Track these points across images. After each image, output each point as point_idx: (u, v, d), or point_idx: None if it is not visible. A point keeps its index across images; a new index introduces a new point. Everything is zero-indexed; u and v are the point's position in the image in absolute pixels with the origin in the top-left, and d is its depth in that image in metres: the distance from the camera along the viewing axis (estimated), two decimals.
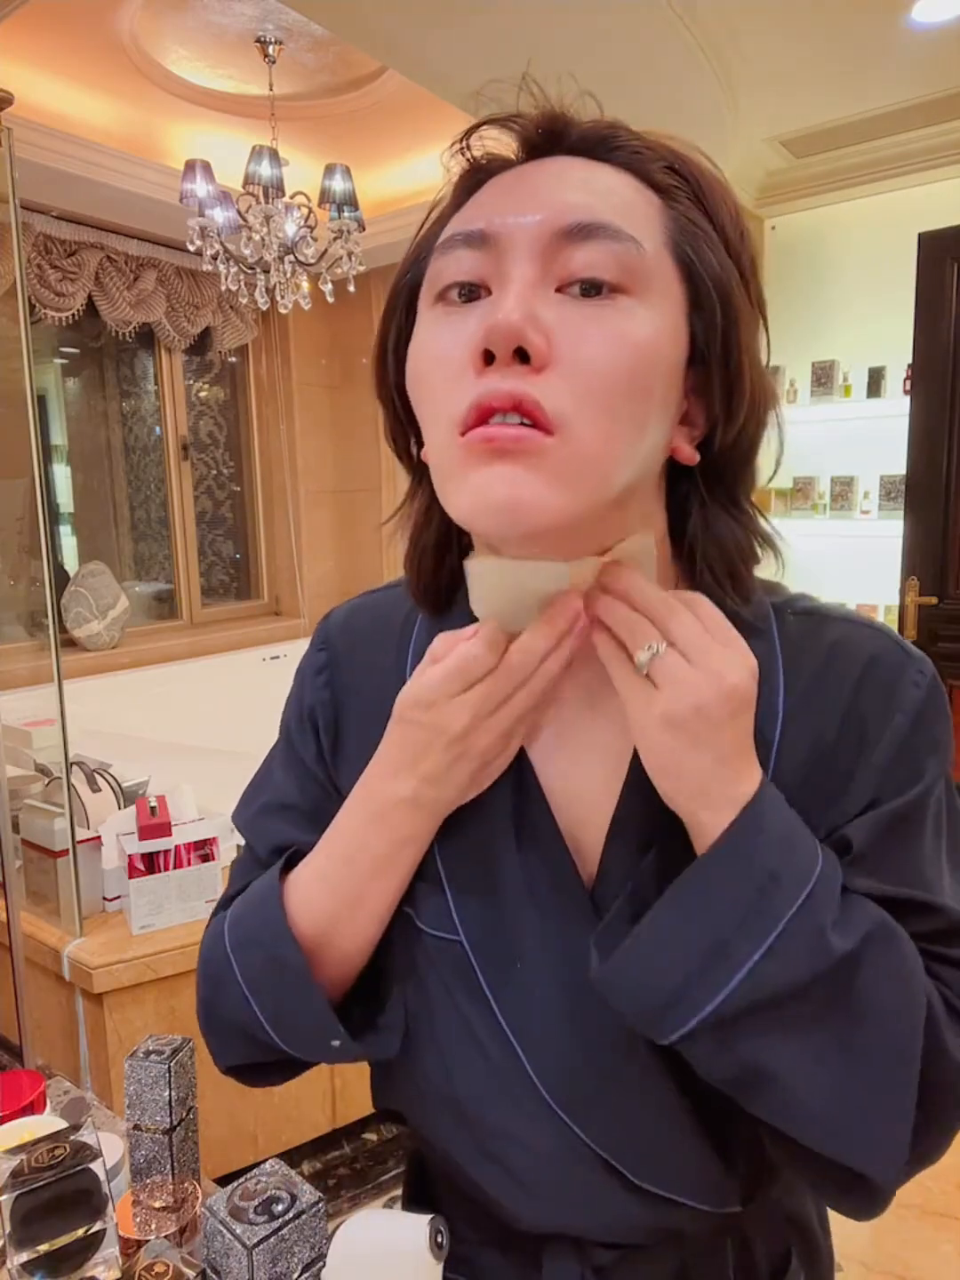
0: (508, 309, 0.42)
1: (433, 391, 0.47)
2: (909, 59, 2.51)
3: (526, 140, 0.49)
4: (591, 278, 0.44)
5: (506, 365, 0.43)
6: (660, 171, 0.48)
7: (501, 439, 0.42)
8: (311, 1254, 0.64)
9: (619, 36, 2.19)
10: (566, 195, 0.45)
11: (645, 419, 0.45)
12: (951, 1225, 1.74)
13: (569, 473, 0.43)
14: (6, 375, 1.74)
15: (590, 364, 0.43)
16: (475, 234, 0.45)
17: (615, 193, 0.46)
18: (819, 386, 3.39)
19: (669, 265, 0.46)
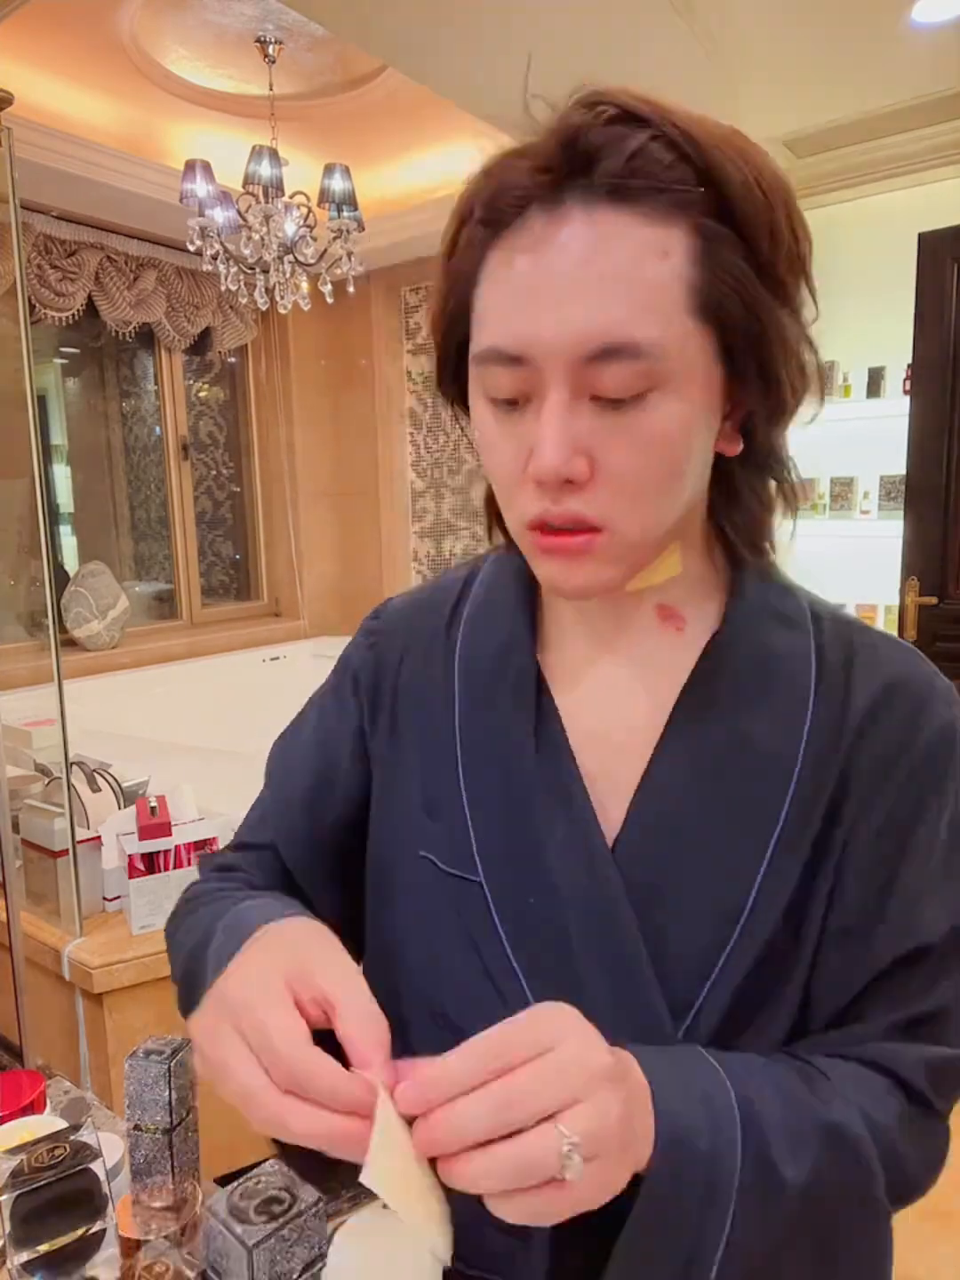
0: (548, 456, 0.48)
1: (497, 483, 0.55)
2: (909, 59, 2.51)
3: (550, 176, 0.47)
4: (617, 397, 0.48)
5: (556, 489, 0.50)
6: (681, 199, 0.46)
7: (568, 548, 0.51)
8: (311, 1254, 0.64)
9: (619, 35, 2.19)
10: (590, 301, 0.46)
11: (681, 486, 0.52)
12: (951, 1225, 1.74)
13: (621, 556, 0.52)
14: (6, 375, 1.74)
15: (625, 474, 0.49)
16: (510, 356, 0.49)
17: (636, 276, 0.46)
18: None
19: (695, 333, 0.48)
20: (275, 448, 4.06)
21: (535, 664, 0.60)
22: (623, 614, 0.59)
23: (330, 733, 0.69)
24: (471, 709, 0.62)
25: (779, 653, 0.57)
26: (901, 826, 0.55)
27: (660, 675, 0.58)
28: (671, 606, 0.59)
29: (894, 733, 0.55)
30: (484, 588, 0.66)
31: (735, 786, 0.55)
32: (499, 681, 0.61)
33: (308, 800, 0.69)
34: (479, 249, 0.50)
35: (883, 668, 0.57)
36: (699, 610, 0.59)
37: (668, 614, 0.59)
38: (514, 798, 0.59)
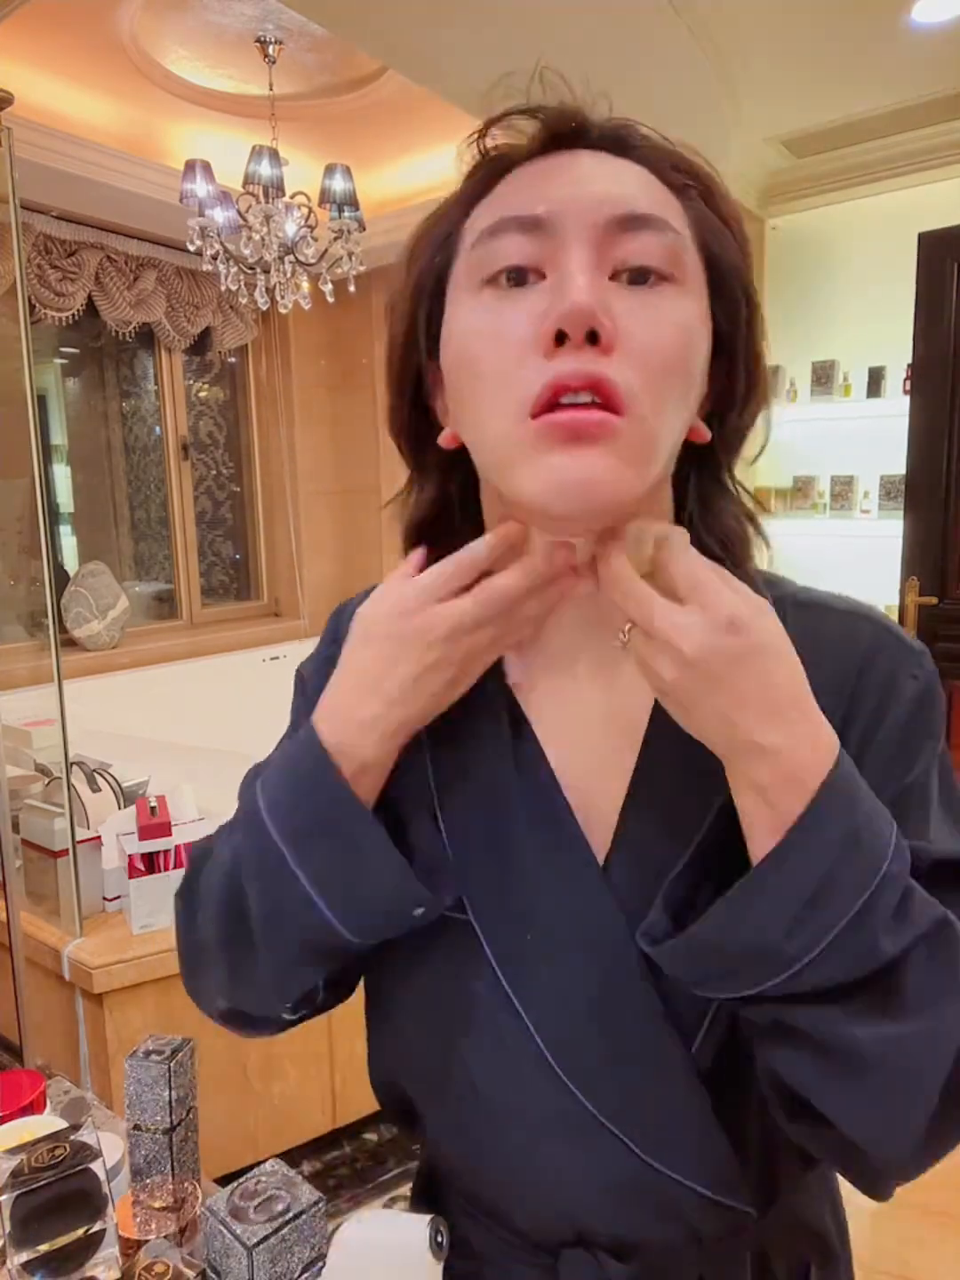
0: (581, 289, 0.44)
1: (489, 374, 0.47)
2: (909, 59, 2.52)
3: (551, 131, 0.49)
4: (643, 266, 0.46)
5: (578, 347, 0.44)
6: (671, 170, 0.50)
7: (587, 424, 0.44)
8: (311, 1254, 0.64)
9: (619, 36, 2.19)
10: (612, 186, 0.47)
11: (687, 399, 0.49)
12: (951, 1225, 1.74)
13: (636, 452, 0.46)
14: (6, 375, 1.74)
15: (649, 346, 0.45)
16: (530, 219, 0.46)
17: (647, 186, 0.48)
18: (819, 386, 3.39)
19: (697, 259, 0.49)
20: (275, 448, 4.06)
21: (507, 687, 0.57)
22: (598, 609, 0.55)
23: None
24: (441, 742, 0.57)
25: None
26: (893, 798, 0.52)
27: (633, 687, 0.55)
28: None
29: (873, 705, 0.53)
30: None
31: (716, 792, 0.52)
32: (469, 711, 0.55)
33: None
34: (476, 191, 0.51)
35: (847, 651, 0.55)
36: None
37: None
38: (498, 829, 0.56)
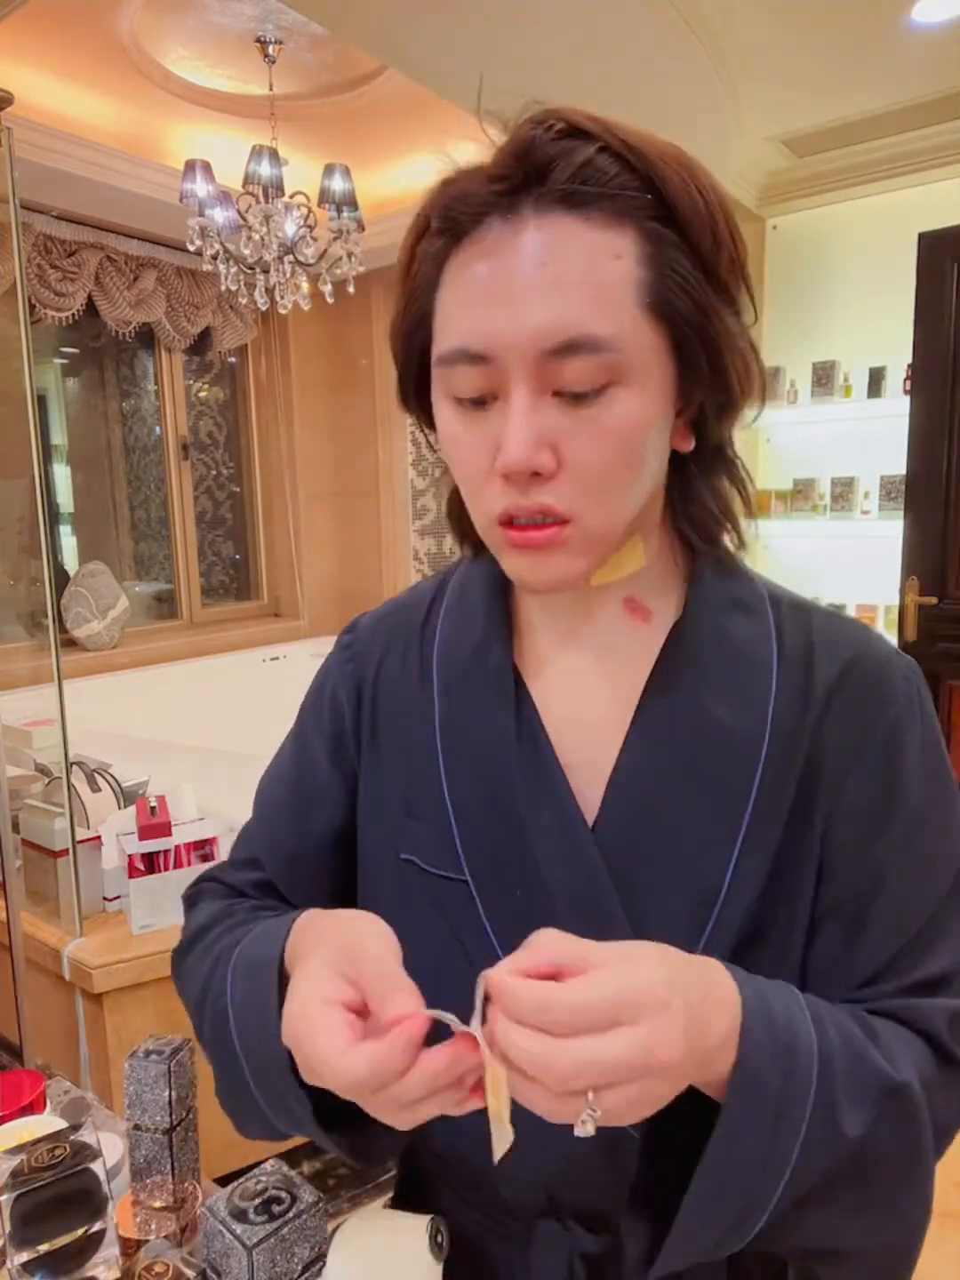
0: (515, 448, 0.49)
1: (464, 482, 0.56)
2: (909, 59, 2.52)
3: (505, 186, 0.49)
4: (578, 391, 0.50)
5: (523, 483, 0.51)
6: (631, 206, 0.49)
7: (535, 542, 0.53)
8: (311, 1254, 0.64)
9: (620, 36, 2.19)
10: (549, 301, 0.48)
11: (640, 475, 0.53)
12: (951, 1225, 1.73)
13: (587, 547, 0.53)
14: (6, 375, 1.74)
15: (591, 466, 0.51)
16: (474, 354, 0.50)
17: (592, 277, 0.48)
18: (819, 386, 3.39)
19: (647, 329, 0.50)
20: (275, 448, 4.06)
21: (511, 660, 0.62)
22: (591, 608, 0.60)
23: (309, 749, 0.70)
24: (450, 708, 0.63)
25: (739, 637, 0.59)
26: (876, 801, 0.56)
27: (627, 664, 0.60)
28: (638, 599, 0.60)
29: (857, 710, 0.57)
30: (455, 592, 0.68)
31: (705, 769, 0.57)
32: (476, 679, 0.62)
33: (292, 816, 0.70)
34: (438, 258, 0.52)
35: (841, 648, 0.59)
36: (662, 601, 0.61)
37: (635, 607, 0.60)
38: (496, 791, 0.60)
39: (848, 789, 0.56)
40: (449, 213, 0.51)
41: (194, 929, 0.68)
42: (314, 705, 0.71)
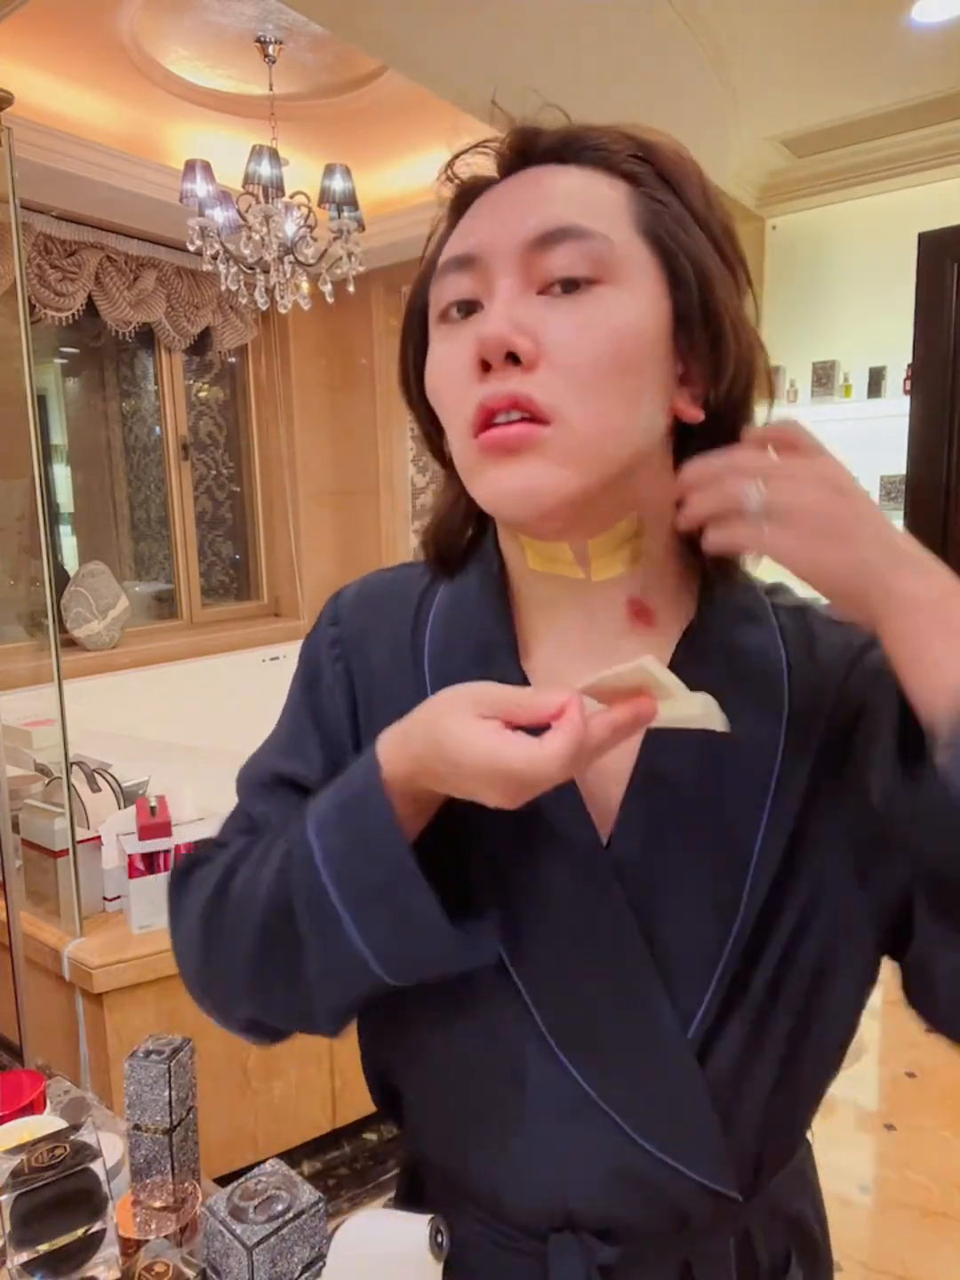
0: (492, 321, 0.48)
1: (445, 400, 0.53)
2: (909, 59, 2.52)
3: (500, 159, 0.54)
4: (567, 276, 0.49)
5: (502, 369, 0.48)
6: (624, 161, 0.52)
7: (506, 438, 0.48)
8: (311, 1254, 0.64)
9: (620, 36, 2.19)
10: (535, 208, 0.50)
11: (636, 393, 0.50)
12: (951, 1225, 1.74)
13: (570, 455, 0.48)
14: (6, 375, 1.74)
15: (575, 353, 0.48)
16: (462, 258, 0.51)
17: (580, 192, 0.51)
18: (819, 386, 3.39)
19: (641, 248, 0.50)
20: (275, 448, 4.06)
21: (520, 671, 0.58)
22: (594, 613, 0.56)
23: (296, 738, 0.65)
24: None
25: (750, 648, 0.57)
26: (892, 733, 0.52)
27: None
28: (641, 599, 0.57)
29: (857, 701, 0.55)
30: (449, 591, 0.63)
31: (720, 780, 0.55)
32: None
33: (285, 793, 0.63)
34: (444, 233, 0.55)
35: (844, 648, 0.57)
36: (670, 604, 0.57)
37: (638, 609, 0.57)
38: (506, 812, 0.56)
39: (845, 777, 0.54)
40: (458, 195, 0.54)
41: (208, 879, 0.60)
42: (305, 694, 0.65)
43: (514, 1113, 0.57)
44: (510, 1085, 0.57)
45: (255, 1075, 1.79)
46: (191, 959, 0.61)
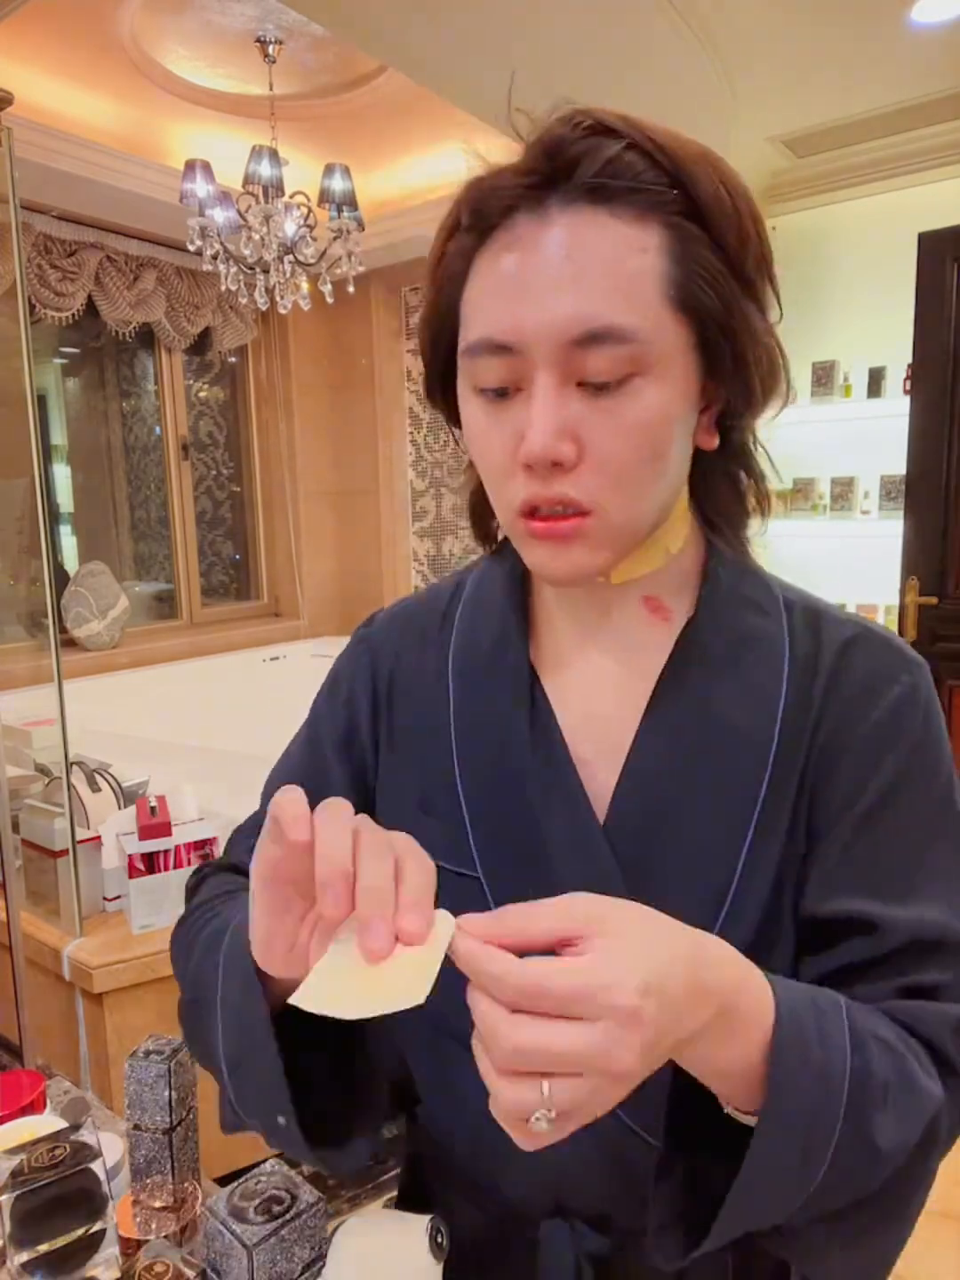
0: (537, 436, 0.50)
1: (488, 475, 0.56)
2: (909, 59, 2.52)
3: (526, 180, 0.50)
4: (602, 381, 0.50)
5: (545, 472, 0.51)
6: (658, 203, 0.49)
7: (558, 531, 0.53)
8: (311, 1254, 0.64)
9: (620, 36, 2.19)
10: (575, 292, 0.49)
11: (664, 470, 0.53)
12: (951, 1225, 1.74)
13: (606, 539, 0.53)
14: (6, 375, 1.74)
15: (612, 457, 0.51)
16: (498, 345, 0.51)
17: (618, 270, 0.49)
18: (819, 386, 3.39)
19: (673, 324, 0.50)
20: (275, 448, 4.06)
21: (527, 657, 0.62)
22: (610, 607, 0.60)
23: (319, 746, 0.69)
24: (465, 704, 0.63)
25: (752, 637, 0.59)
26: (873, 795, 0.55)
27: (645, 662, 0.60)
28: (657, 598, 0.60)
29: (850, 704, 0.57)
30: (474, 589, 0.68)
31: (715, 767, 0.57)
32: (492, 676, 0.63)
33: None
34: (467, 254, 0.53)
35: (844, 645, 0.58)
36: (681, 599, 0.61)
37: (655, 606, 0.60)
38: (510, 788, 0.60)
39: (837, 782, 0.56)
40: (477, 208, 0.52)
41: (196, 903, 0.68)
42: (328, 701, 0.71)
43: None
44: None
45: None
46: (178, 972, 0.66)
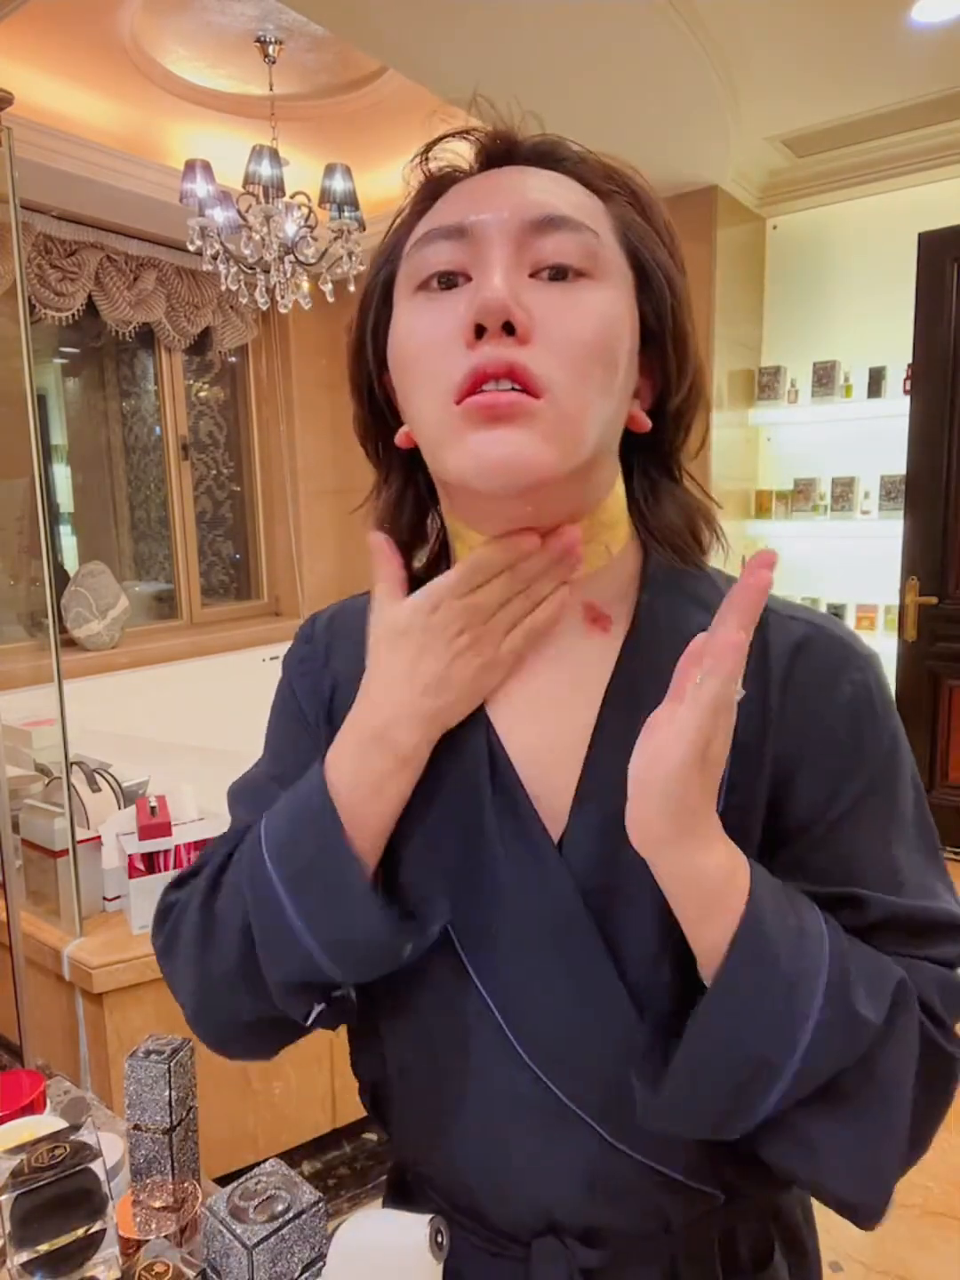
0: (495, 287, 0.47)
1: (422, 368, 0.51)
2: (909, 59, 2.52)
3: (484, 151, 0.54)
4: (559, 263, 0.49)
5: (496, 338, 0.48)
6: (600, 179, 0.54)
7: (500, 404, 0.47)
8: (311, 1254, 0.64)
9: (620, 37, 2.19)
10: (530, 194, 0.51)
11: (612, 386, 0.51)
12: (951, 1225, 1.74)
13: (555, 432, 0.48)
14: (6, 375, 1.74)
15: (567, 335, 0.49)
16: (454, 228, 0.50)
17: (569, 192, 0.52)
18: (820, 386, 3.39)
19: (619, 255, 0.52)
20: (275, 447, 4.06)
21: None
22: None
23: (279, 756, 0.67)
24: None
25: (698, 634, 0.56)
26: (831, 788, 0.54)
27: (590, 677, 0.57)
28: (597, 605, 0.57)
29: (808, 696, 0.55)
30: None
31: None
32: None
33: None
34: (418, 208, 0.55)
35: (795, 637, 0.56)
36: (621, 608, 0.58)
37: (595, 615, 0.57)
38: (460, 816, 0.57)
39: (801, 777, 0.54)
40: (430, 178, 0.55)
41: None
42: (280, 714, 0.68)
43: (491, 1122, 0.57)
44: (486, 1095, 0.57)
45: (255, 1075, 1.79)
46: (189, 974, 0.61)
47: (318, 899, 0.54)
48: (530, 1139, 0.56)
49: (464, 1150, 0.59)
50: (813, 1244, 0.68)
